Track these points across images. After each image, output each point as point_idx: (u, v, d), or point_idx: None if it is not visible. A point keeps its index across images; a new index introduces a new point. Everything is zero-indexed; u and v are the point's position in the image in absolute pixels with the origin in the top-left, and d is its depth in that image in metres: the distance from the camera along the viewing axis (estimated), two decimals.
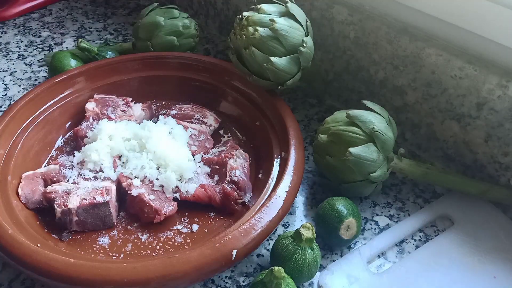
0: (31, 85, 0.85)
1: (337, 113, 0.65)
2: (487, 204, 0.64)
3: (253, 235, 0.53)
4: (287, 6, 0.67)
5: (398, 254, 0.60)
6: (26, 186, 0.62)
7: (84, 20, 1.02)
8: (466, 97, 0.64)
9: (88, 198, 0.59)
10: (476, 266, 0.57)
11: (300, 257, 0.53)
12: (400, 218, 0.64)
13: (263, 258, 0.59)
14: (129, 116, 0.72)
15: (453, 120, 0.67)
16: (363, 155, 0.59)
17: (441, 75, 0.65)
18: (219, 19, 0.96)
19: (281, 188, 0.58)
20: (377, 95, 0.74)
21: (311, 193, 0.68)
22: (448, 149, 0.70)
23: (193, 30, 0.84)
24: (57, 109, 0.72)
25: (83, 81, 0.75)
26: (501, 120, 0.62)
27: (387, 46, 0.69)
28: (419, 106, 0.70)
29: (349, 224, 0.58)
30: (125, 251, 0.58)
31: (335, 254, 0.60)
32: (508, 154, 0.63)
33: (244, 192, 0.63)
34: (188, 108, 0.75)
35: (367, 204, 0.66)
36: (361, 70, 0.75)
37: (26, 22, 1.01)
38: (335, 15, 0.74)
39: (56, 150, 0.70)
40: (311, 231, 0.54)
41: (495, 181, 0.66)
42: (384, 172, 0.61)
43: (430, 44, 0.65)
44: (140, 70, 0.78)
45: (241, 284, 0.57)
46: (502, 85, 0.60)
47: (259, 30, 0.65)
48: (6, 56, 0.91)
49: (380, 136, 0.60)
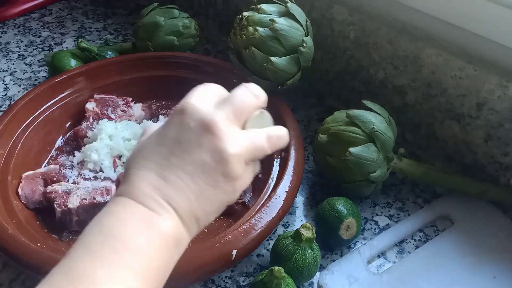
0: (31, 85, 0.85)
1: (337, 113, 0.65)
2: (487, 204, 0.64)
3: (253, 235, 0.53)
4: (287, 6, 0.67)
5: (398, 254, 0.60)
6: (26, 186, 0.62)
7: (84, 20, 1.02)
8: (466, 97, 0.64)
9: (88, 198, 0.59)
10: (476, 266, 0.57)
11: (300, 257, 0.53)
12: (400, 218, 0.64)
13: (263, 258, 0.59)
14: (129, 116, 0.72)
15: (453, 120, 0.67)
16: (363, 155, 0.59)
17: (441, 75, 0.65)
18: (219, 19, 0.96)
19: (281, 188, 0.58)
20: (377, 95, 0.74)
21: (311, 193, 0.68)
22: (448, 149, 0.70)
23: (193, 30, 0.83)
24: (57, 109, 0.71)
25: (83, 81, 0.75)
26: (501, 120, 0.62)
27: (387, 46, 0.69)
28: (419, 106, 0.70)
29: (349, 224, 0.58)
30: None
31: (335, 254, 0.60)
32: (508, 154, 0.63)
33: (244, 192, 0.63)
34: None
35: (367, 204, 0.66)
36: (361, 70, 0.75)
37: (26, 22, 1.01)
38: (335, 15, 0.74)
39: (56, 150, 0.70)
40: (311, 231, 0.54)
41: (495, 181, 0.66)
42: (384, 172, 0.61)
43: (430, 44, 0.65)
44: (140, 70, 0.78)
45: (241, 284, 0.57)
46: (502, 85, 0.60)
47: (259, 30, 0.65)
48: (6, 56, 0.91)
49: (380, 136, 0.60)
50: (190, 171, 0.38)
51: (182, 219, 0.37)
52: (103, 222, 0.35)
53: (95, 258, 0.33)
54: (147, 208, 0.36)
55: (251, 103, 0.42)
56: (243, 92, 0.42)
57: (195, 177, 0.38)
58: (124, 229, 0.35)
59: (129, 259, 0.33)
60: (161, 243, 0.36)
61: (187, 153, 0.38)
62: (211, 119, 0.38)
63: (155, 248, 0.35)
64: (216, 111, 0.39)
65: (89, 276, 0.32)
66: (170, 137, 0.39)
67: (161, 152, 0.38)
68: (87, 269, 0.32)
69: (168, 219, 0.36)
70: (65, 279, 0.32)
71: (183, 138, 0.38)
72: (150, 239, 0.35)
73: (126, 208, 0.36)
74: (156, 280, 0.36)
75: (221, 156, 0.38)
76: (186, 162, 0.38)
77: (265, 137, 0.42)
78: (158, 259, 0.35)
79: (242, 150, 0.39)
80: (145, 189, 0.37)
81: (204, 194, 0.38)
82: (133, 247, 0.34)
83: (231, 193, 0.40)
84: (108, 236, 0.34)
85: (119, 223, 0.35)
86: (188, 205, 0.37)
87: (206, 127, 0.38)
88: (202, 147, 0.38)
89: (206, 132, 0.38)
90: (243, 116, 0.41)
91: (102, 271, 0.32)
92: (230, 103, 0.41)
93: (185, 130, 0.38)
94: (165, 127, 0.40)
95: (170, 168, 0.38)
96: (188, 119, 0.38)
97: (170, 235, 0.36)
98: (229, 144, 0.38)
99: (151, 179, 0.37)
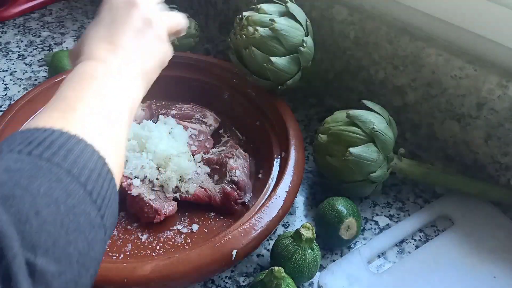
0: (31, 85, 0.85)
1: (337, 113, 0.65)
2: (487, 204, 0.64)
3: (253, 235, 0.53)
4: (287, 6, 0.67)
5: (398, 254, 0.60)
6: None
7: (84, 20, 1.02)
8: (466, 97, 0.64)
9: None
10: (476, 266, 0.57)
11: (300, 257, 0.53)
12: (400, 218, 0.64)
13: (263, 258, 0.59)
14: None
15: (453, 120, 0.67)
16: (363, 155, 0.59)
17: (441, 75, 0.65)
18: (219, 19, 0.96)
19: (281, 188, 0.58)
20: (377, 95, 0.74)
21: (311, 193, 0.68)
22: (448, 149, 0.70)
23: (193, 30, 0.84)
24: None
25: None
26: (501, 120, 0.62)
27: (387, 46, 0.69)
28: (419, 106, 0.70)
29: (349, 224, 0.58)
30: (125, 251, 0.58)
31: (335, 254, 0.60)
32: (508, 154, 0.63)
33: (244, 192, 0.63)
34: (188, 108, 0.75)
35: (367, 204, 0.66)
36: (361, 70, 0.75)
37: (26, 22, 1.01)
38: (335, 15, 0.74)
39: None
40: (311, 231, 0.54)
41: (495, 181, 0.66)
42: (384, 172, 0.61)
43: (430, 44, 0.65)
44: None
45: (241, 284, 0.57)
46: (502, 85, 0.60)
47: (259, 30, 0.65)
48: (6, 56, 0.91)
49: (380, 136, 0.60)
50: (129, 36, 0.45)
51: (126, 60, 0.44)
52: (68, 77, 0.41)
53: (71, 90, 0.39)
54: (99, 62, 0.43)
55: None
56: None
57: (133, 39, 0.45)
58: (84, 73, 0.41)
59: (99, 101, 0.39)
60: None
61: (123, 26, 0.45)
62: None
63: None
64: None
65: (76, 101, 0.37)
66: (106, 20, 0.46)
67: (102, 32, 0.45)
68: (69, 94, 0.38)
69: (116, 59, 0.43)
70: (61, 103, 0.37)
71: (117, 17, 0.46)
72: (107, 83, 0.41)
73: (84, 65, 0.42)
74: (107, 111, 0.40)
75: (148, 19, 0.47)
76: (125, 32, 0.45)
77: (179, 15, 0.55)
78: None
79: (163, 17, 0.50)
80: (96, 48, 0.44)
81: (142, 49, 0.46)
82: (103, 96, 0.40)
83: (162, 52, 0.49)
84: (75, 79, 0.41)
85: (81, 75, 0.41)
86: (132, 56, 0.45)
87: (131, 2, 0.47)
88: (132, 18, 0.46)
89: (132, 5, 0.47)
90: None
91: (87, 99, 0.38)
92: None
93: (116, 10, 0.46)
94: (100, 16, 0.47)
95: (113, 36, 0.45)
96: (115, 2, 0.47)
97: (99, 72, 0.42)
98: (153, 11, 0.48)
99: (101, 45, 0.44)
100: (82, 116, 0.36)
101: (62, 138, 0.33)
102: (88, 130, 0.35)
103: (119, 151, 0.38)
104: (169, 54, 0.51)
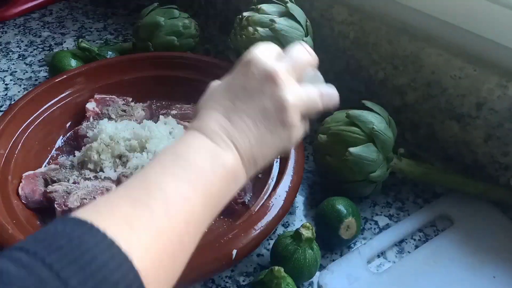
0: (31, 85, 0.85)
1: (337, 113, 0.65)
2: (487, 204, 0.64)
3: (253, 235, 0.53)
4: (287, 6, 0.68)
5: (398, 254, 0.60)
6: (27, 186, 0.62)
7: (84, 20, 1.02)
8: (466, 97, 0.64)
9: (88, 198, 0.59)
10: (476, 266, 0.57)
11: (300, 257, 0.53)
12: (400, 218, 0.64)
13: (263, 258, 0.59)
14: (129, 116, 0.72)
15: (453, 120, 0.67)
16: (363, 155, 0.59)
17: (441, 75, 0.65)
18: (219, 19, 0.96)
19: (281, 188, 0.58)
20: (377, 95, 0.74)
21: (311, 193, 0.68)
22: (448, 149, 0.70)
23: (193, 30, 0.84)
24: (58, 109, 0.72)
25: (83, 81, 0.75)
26: (501, 120, 0.62)
27: (387, 46, 0.69)
28: (419, 106, 0.70)
29: (349, 224, 0.58)
30: None
31: (335, 254, 0.60)
32: (508, 154, 0.63)
33: (244, 192, 0.63)
34: (188, 108, 0.75)
35: (367, 204, 0.66)
36: (361, 70, 0.75)
37: (27, 22, 1.01)
38: (335, 15, 0.74)
39: (56, 150, 0.70)
40: (311, 231, 0.54)
41: (495, 181, 0.66)
42: (383, 172, 0.61)
43: (430, 44, 0.65)
44: (140, 70, 0.78)
45: (241, 284, 0.57)
46: (502, 85, 0.60)
47: (259, 30, 0.65)
48: (6, 56, 0.91)
49: (380, 136, 0.60)
50: (252, 115, 0.42)
51: (242, 157, 0.42)
52: (176, 147, 0.40)
53: (166, 171, 0.37)
54: (214, 143, 0.41)
55: (307, 59, 0.47)
56: (300, 49, 0.47)
57: (257, 121, 0.42)
58: (193, 154, 0.39)
59: (194, 178, 0.38)
60: (222, 173, 0.40)
61: (251, 99, 0.42)
62: (273, 69, 0.43)
63: (216, 176, 0.39)
64: (277, 62, 0.44)
65: (158, 185, 0.36)
66: (236, 85, 0.44)
67: (228, 97, 0.43)
68: (158, 179, 0.37)
69: (230, 154, 0.41)
70: (139, 185, 0.36)
71: (248, 86, 0.43)
72: (214, 167, 0.39)
73: (196, 139, 0.41)
74: (212, 205, 0.39)
75: (281, 104, 0.42)
76: (250, 107, 0.42)
77: (318, 93, 0.47)
78: (217, 186, 0.39)
79: (299, 100, 0.44)
80: (213, 127, 0.42)
81: (263, 138, 0.42)
82: (199, 169, 0.39)
83: (287, 140, 0.44)
84: (179, 157, 0.39)
85: (190, 149, 0.40)
86: (248, 146, 0.42)
87: (269, 76, 0.43)
88: (264, 94, 0.42)
89: (268, 81, 0.43)
90: (299, 71, 0.46)
91: (170, 183, 0.36)
92: (289, 57, 0.46)
93: (249, 79, 0.43)
94: (232, 76, 0.45)
95: (235, 111, 0.42)
96: (252, 69, 0.43)
97: (230, 168, 0.40)
98: (288, 93, 0.43)
99: (219, 119, 0.42)
100: (148, 226, 0.33)
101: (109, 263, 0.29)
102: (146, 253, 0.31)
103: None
104: (289, 144, 0.45)
